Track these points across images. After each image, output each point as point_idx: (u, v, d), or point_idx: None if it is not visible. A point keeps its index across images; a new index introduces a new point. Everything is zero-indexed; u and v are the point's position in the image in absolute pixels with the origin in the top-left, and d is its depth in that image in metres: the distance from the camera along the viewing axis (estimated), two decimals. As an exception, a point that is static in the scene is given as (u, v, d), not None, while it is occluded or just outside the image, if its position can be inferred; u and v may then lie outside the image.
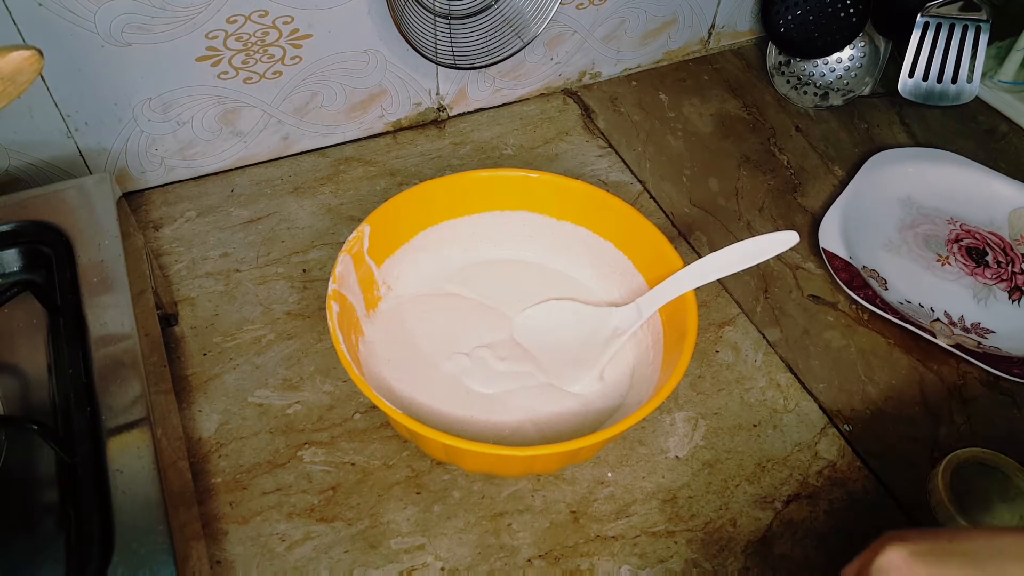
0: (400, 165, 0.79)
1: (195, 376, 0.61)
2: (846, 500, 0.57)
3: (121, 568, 0.39)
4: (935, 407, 0.63)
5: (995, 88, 0.89)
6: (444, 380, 0.59)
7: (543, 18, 0.76)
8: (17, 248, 0.53)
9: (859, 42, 0.87)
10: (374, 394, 0.48)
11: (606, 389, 0.59)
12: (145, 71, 0.66)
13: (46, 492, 0.44)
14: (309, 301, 0.67)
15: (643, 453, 0.59)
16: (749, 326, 0.67)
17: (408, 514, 0.55)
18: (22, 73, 0.46)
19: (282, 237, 0.71)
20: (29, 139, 0.66)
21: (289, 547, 0.53)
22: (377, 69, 0.75)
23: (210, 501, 0.54)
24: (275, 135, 0.76)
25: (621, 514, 0.56)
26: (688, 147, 0.83)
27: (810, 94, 0.89)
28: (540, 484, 0.57)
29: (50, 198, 0.55)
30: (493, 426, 0.57)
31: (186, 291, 0.67)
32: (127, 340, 0.48)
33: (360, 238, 0.59)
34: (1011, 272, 0.73)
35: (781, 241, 0.56)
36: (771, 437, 0.60)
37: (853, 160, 0.82)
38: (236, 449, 0.57)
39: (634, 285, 0.62)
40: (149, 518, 0.41)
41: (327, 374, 0.62)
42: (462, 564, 0.53)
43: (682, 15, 0.89)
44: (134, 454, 0.43)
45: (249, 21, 0.66)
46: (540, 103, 0.87)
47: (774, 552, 0.54)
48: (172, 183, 0.75)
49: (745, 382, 0.64)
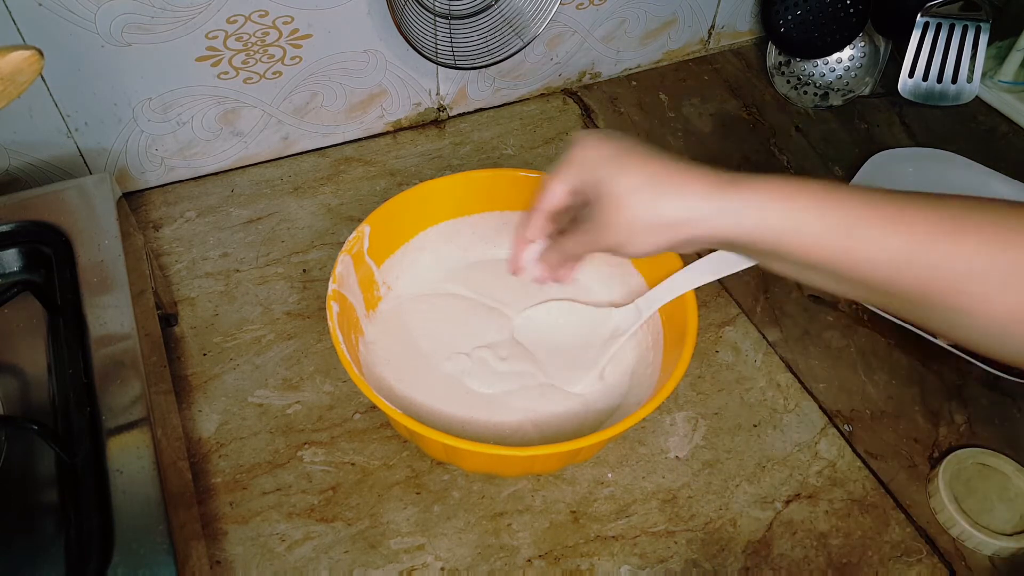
0: (400, 165, 0.79)
1: (195, 376, 0.61)
2: (846, 500, 0.57)
3: (121, 568, 0.39)
4: (935, 407, 0.63)
5: (995, 88, 0.89)
6: (444, 380, 0.59)
7: (543, 18, 0.76)
8: (17, 248, 0.53)
9: (859, 42, 0.87)
10: (374, 394, 0.48)
11: (606, 389, 0.59)
12: (145, 71, 0.66)
13: (46, 492, 0.44)
14: (309, 301, 0.67)
15: (643, 453, 0.59)
16: (749, 326, 0.67)
17: (408, 514, 0.55)
18: (22, 73, 0.46)
19: (282, 237, 0.71)
20: (29, 139, 0.66)
21: (289, 547, 0.53)
22: (377, 69, 0.75)
23: (210, 501, 0.54)
24: (275, 135, 0.76)
25: (621, 514, 0.56)
26: (688, 147, 0.83)
27: (810, 94, 0.89)
28: (540, 484, 0.57)
29: (50, 198, 0.55)
30: (493, 426, 0.57)
31: (186, 291, 0.67)
32: (127, 340, 0.48)
33: (360, 238, 0.59)
34: (1011, 272, 0.73)
35: None
36: (771, 437, 0.60)
37: (853, 160, 0.82)
38: (236, 449, 0.57)
39: (634, 285, 0.62)
40: (149, 518, 0.41)
41: (327, 374, 0.62)
42: (462, 564, 0.53)
43: (682, 15, 0.89)
44: (134, 454, 0.43)
45: (249, 21, 0.66)
46: (540, 103, 0.87)
47: (774, 552, 0.54)
48: (172, 183, 0.75)
49: (745, 382, 0.63)
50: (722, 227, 0.40)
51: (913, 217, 0.36)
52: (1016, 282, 0.34)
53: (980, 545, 0.54)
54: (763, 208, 0.39)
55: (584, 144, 0.45)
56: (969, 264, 0.35)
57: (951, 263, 0.35)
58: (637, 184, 0.42)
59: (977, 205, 0.36)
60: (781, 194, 0.39)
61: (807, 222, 0.38)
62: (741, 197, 0.39)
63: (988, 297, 0.34)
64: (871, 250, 0.36)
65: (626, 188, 0.42)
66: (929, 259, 0.35)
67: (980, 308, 0.35)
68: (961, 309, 0.35)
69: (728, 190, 0.40)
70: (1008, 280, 0.34)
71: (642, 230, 0.42)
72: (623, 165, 0.42)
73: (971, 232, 0.35)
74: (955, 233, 0.35)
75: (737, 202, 0.39)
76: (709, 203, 0.40)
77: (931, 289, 0.35)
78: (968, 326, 0.36)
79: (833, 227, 0.37)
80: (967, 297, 0.35)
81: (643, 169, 0.42)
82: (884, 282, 0.37)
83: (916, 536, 0.56)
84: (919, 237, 0.35)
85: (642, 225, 0.42)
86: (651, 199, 0.41)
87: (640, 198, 0.42)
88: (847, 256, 0.37)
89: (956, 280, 0.35)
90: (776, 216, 0.38)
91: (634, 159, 0.42)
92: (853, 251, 0.37)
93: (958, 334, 0.37)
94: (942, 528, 0.56)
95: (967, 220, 0.35)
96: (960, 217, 0.35)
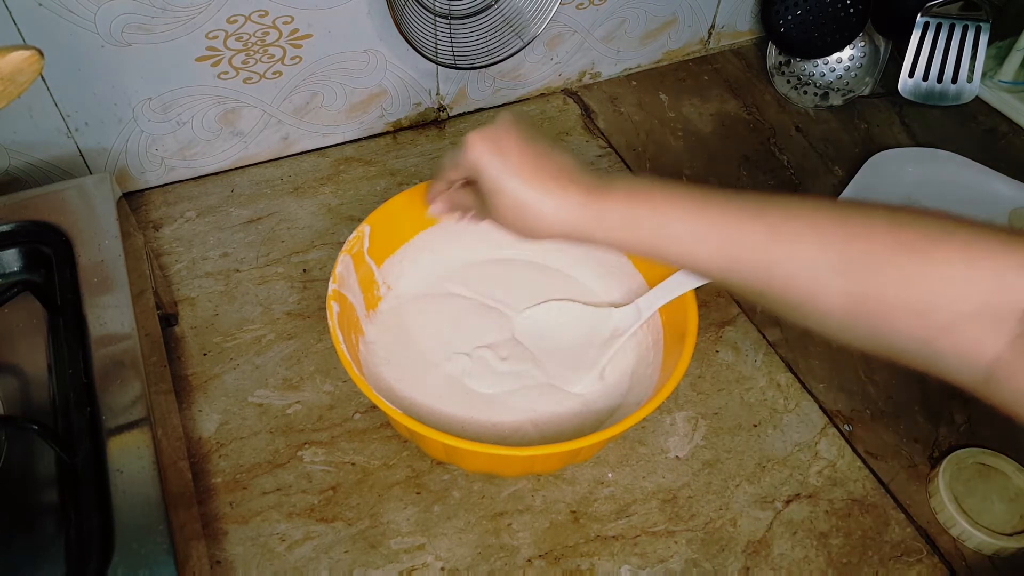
0: (400, 165, 0.79)
1: (195, 376, 0.61)
2: (846, 500, 0.57)
3: (121, 568, 0.39)
4: (935, 407, 0.63)
5: (995, 88, 0.89)
6: (444, 380, 0.59)
7: (543, 18, 0.76)
8: (17, 248, 0.53)
9: (859, 42, 0.87)
10: (374, 394, 0.48)
11: (606, 389, 0.59)
12: (145, 71, 0.66)
13: (46, 492, 0.44)
14: (309, 301, 0.67)
15: (643, 453, 0.59)
16: (749, 326, 0.67)
17: (408, 514, 0.55)
18: (22, 73, 0.46)
19: (282, 237, 0.71)
20: (29, 139, 0.66)
21: (289, 547, 0.53)
22: (377, 69, 0.75)
23: (210, 501, 0.54)
24: (275, 135, 0.76)
25: (621, 514, 0.56)
26: (688, 147, 0.83)
27: (810, 94, 0.89)
28: (540, 484, 0.57)
29: (50, 198, 0.55)
30: (493, 426, 0.57)
31: (186, 291, 0.67)
32: (127, 340, 0.48)
33: (360, 238, 0.59)
34: (1011, 272, 0.73)
35: None
36: (771, 437, 0.60)
37: (853, 160, 0.82)
38: (236, 449, 0.57)
39: (634, 285, 0.62)
40: (149, 518, 0.41)
41: (327, 374, 0.62)
42: (462, 564, 0.53)
43: (682, 15, 0.89)
44: (134, 454, 0.43)
45: (249, 21, 0.66)
46: (540, 103, 0.87)
47: (774, 552, 0.54)
48: (172, 183, 0.75)
49: (745, 382, 0.64)
50: (584, 236, 0.44)
51: (733, 228, 0.40)
52: (837, 276, 0.37)
53: (980, 545, 0.54)
54: (612, 231, 0.43)
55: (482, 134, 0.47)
56: (798, 262, 0.39)
57: (784, 263, 0.39)
58: (523, 180, 0.45)
59: (797, 212, 0.40)
60: (624, 211, 0.43)
61: (652, 237, 0.42)
62: (590, 217, 0.43)
63: (818, 292, 0.38)
64: (702, 255, 0.41)
65: (512, 183, 0.45)
66: (767, 258, 0.39)
67: (814, 302, 0.39)
68: (799, 303, 0.39)
69: (583, 210, 0.44)
70: (831, 275, 0.37)
71: (516, 224, 0.46)
72: (503, 157, 0.45)
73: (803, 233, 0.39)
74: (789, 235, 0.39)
75: (592, 219, 0.43)
76: (585, 210, 0.44)
77: (772, 286, 0.40)
78: (809, 317, 0.40)
79: (673, 240, 0.42)
80: (800, 291, 0.39)
81: (529, 165, 0.45)
82: (722, 280, 0.42)
83: (916, 536, 0.56)
84: (759, 239, 0.40)
85: (517, 222, 0.46)
86: (520, 202, 0.45)
87: (527, 195, 0.45)
88: (688, 260, 0.42)
89: (789, 277, 0.39)
90: (629, 239, 0.43)
91: (521, 154, 0.45)
92: (691, 256, 0.42)
93: (805, 323, 0.40)
94: (942, 528, 0.56)
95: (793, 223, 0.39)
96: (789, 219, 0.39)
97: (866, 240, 0.37)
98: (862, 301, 0.37)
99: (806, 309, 0.39)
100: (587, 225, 0.44)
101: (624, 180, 0.44)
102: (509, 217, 0.46)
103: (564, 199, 0.44)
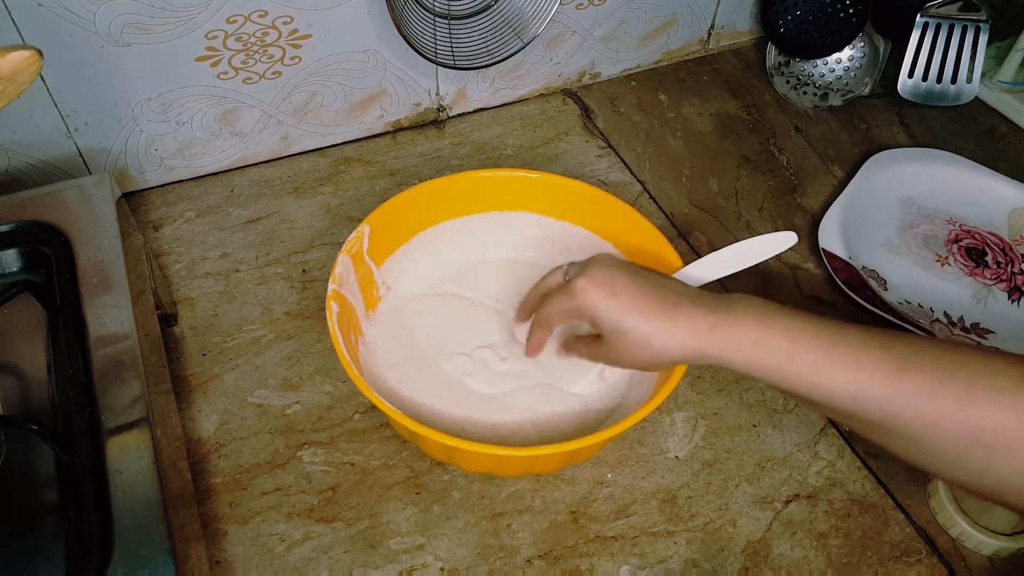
0: (400, 165, 0.79)
1: (195, 376, 0.61)
2: (846, 500, 0.57)
3: (121, 568, 0.39)
4: (935, 407, 0.62)
5: (995, 88, 0.89)
6: (444, 380, 0.59)
7: (543, 18, 0.76)
8: (17, 248, 0.53)
9: (859, 42, 0.87)
10: (374, 394, 0.48)
11: (606, 389, 0.59)
12: (145, 71, 0.66)
13: (46, 492, 0.44)
14: (309, 301, 0.67)
15: (643, 453, 0.59)
16: (749, 326, 0.67)
17: (408, 514, 0.55)
18: (22, 73, 0.46)
19: (282, 237, 0.71)
20: (29, 139, 0.66)
21: (289, 547, 0.53)
22: (377, 69, 0.75)
23: (210, 501, 0.54)
24: (275, 135, 0.76)
25: (621, 514, 0.56)
26: (688, 147, 0.83)
27: (810, 94, 0.89)
28: (540, 484, 0.57)
29: (50, 198, 0.55)
30: (493, 426, 0.57)
31: (186, 291, 0.67)
32: (127, 340, 0.48)
33: (360, 238, 0.59)
34: (1010, 272, 0.73)
35: (780, 241, 0.56)
36: (771, 437, 0.60)
37: (853, 160, 0.82)
38: (235, 449, 0.57)
39: (634, 285, 0.62)
40: (149, 518, 0.41)
41: (327, 374, 0.62)
42: (462, 564, 0.53)
43: (682, 15, 0.89)
44: (134, 454, 0.43)
45: (249, 21, 0.66)
46: (540, 103, 0.87)
47: (774, 552, 0.54)
48: (172, 183, 0.75)
49: (745, 382, 0.64)
50: (710, 359, 0.46)
51: (862, 360, 0.41)
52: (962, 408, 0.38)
53: (980, 545, 0.54)
54: (741, 353, 0.45)
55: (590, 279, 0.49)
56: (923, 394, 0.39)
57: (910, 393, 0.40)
58: (644, 317, 0.47)
59: (921, 347, 0.41)
60: (755, 338, 0.44)
61: (781, 363, 0.44)
62: (720, 342, 0.45)
63: (939, 422, 0.39)
64: (831, 385, 0.42)
65: (633, 321, 0.47)
66: (894, 389, 0.40)
67: (930, 432, 0.39)
68: (913, 434, 0.40)
69: (712, 335, 0.46)
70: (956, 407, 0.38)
71: (641, 358, 0.48)
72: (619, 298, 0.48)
73: (926, 366, 0.40)
74: (901, 372, 0.40)
75: (722, 344, 0.45)
76: (696, 342, 0.46)
77: (897, 415, 0.40)
78: (925, 451, 0.40)
79: (802, 368, 0.43)
80: (923, 422, 0.39)
81: (644, 300, 0.48)
82: (846, 410, 0.42)
83: (916, 536, 0.56)
84: (866, 376, 0.41)
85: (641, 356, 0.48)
86: (644, 337, 0.47)
87: (649, 330, 0.47)
88: (816, 389, 0.43)
89: (913, 407, 0.40)
90: (757, 361, 0.45)
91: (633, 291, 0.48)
92: (820, 385, 0.42)
93: (917, 458, 0.41)
94: (942, 528, 0.56)
95: (909, 361, 0.40)
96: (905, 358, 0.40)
97: (992, 374, 0.38)
98: (981, 433, 0.38)
99: (924, 443, 0.40)
100: (715, 351, 0.45)
101: (744, 303, 0.46)
102: (633, 353, 0.48)
103: (690, 328, 0.46)
